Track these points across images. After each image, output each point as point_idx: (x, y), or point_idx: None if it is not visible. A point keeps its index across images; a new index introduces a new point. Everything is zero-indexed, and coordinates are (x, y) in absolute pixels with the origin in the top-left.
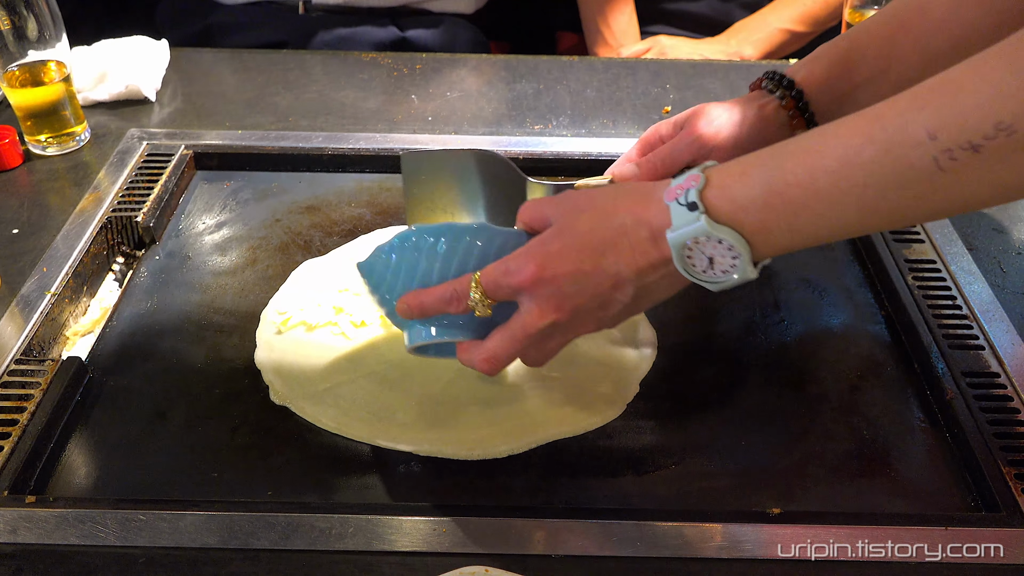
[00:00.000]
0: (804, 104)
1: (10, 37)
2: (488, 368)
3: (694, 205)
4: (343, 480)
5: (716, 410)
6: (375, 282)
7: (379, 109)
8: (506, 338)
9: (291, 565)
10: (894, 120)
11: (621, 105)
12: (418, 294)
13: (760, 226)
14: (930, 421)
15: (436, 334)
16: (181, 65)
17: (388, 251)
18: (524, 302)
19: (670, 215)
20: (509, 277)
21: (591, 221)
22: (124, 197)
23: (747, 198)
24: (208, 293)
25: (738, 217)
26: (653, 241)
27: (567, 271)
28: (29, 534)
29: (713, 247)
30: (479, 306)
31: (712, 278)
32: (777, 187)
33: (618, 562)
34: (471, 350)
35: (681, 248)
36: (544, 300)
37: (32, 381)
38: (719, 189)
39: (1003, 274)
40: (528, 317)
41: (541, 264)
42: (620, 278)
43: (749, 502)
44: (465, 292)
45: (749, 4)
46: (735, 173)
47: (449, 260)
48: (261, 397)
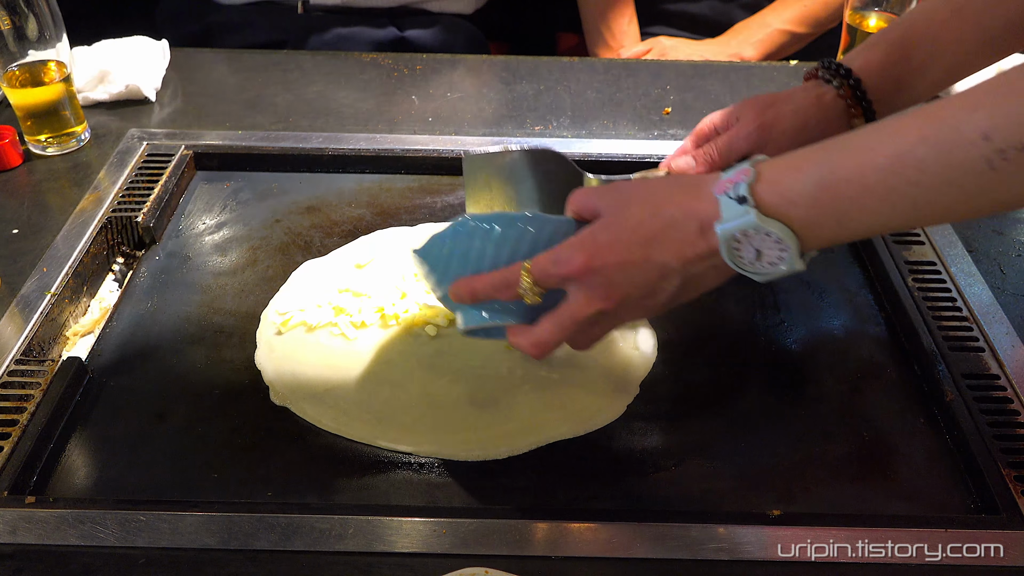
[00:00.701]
0: (862, 92)
1: (10, 37)
2: (536, 352)
3: (744, 199)
4: (343, 481)
5: (716, 411)
6: (430, 267)
7: (379, 109)
8: (554, 324)
9: (291, 566)
10: (948, 120)
11: (621, 106)
12: (471, 280)
13: (809, 220)
14: (930, 423)
15: (488, 318)
16: (181, 65)
17: (443, 238)
18: (573, 290)
19: (719, 208)
20: (559, 267)
21: (640, 213)
22: (124, 197)
23: (797, 193)
24: (208, 293)
25: (787, 211)
26: (701, 233)
27: (615, 261)
28: (29, 534)
29: (761, 240)
30: (529, 294)
31: (759, 269)
32: (828, 183)
33: (618, 563)
34: (521, 334)
35: (729, 240)
36: (592, 289)
37: (32, 381)
38: (769, 183)
39: (1003, 276)
40: (576, 305)
41: (590, 254)
42: (667, 268)
43: (749, 503)
44: (516, 280)
45: (749, 5)
46: (786, 168)
47: (501, 246)
48: (261, 398)
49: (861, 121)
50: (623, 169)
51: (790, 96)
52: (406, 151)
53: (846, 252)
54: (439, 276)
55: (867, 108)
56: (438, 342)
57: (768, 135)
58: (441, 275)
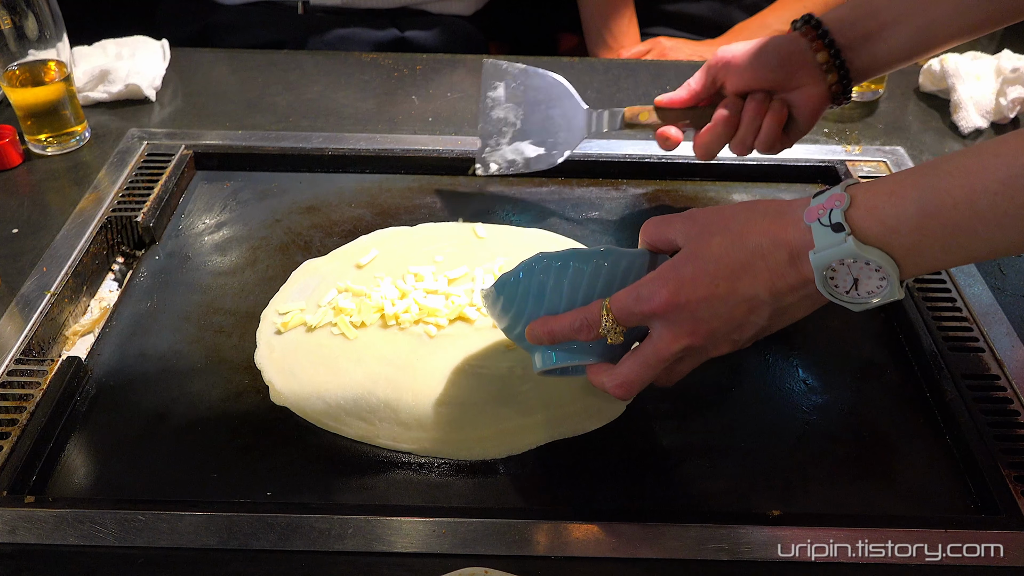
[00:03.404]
0: (824, 31)
1: (10, 36)
2: (622, 393)
3: (840, 226)
4: (343, 481)
5: (716, 411)
6: (503, 308)
7: (379, 109)
8: (639, 364)
9: (290, 566)
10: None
11: (621, 106)
12: (547, 321)
13: (912, 248)
14: (930, 423)
15: (568, 358)
16: (181, 65)
17: (516, 276)
18: (657, 327)
19: (811, 236)
20: (641, 304)
21: (724, 244)
22: (124, 197)
23: (899, 219)
24: (208, 293)
25: (888, 238)
26: (792, 263)
27: (701, 296)
28: (28, 534)
29: (860, 268)
30: (612, 333)
31: (855, 299)
32: (932, 208)
33: (618, 564)
34: (604, 373)
35: (824, 269)
36: (678, 325)
37: (31, 381)
38: (867, 210)
39: (1003, 276)
40: (661, 343)
41: (674, 290)
42: (756, 301)
43: (749, 503)
44: (596, 320)
45: (749, 6)
46: (884, 192)
47: (577, 283)
48: (261, 397)
49: (825, 56)
50: (623, 169)
51: (770, 45)
52: (406, 151)
53: None
54: (513, 317)
55: (833, 51)
56: (437, 342)
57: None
58: (516, 316)
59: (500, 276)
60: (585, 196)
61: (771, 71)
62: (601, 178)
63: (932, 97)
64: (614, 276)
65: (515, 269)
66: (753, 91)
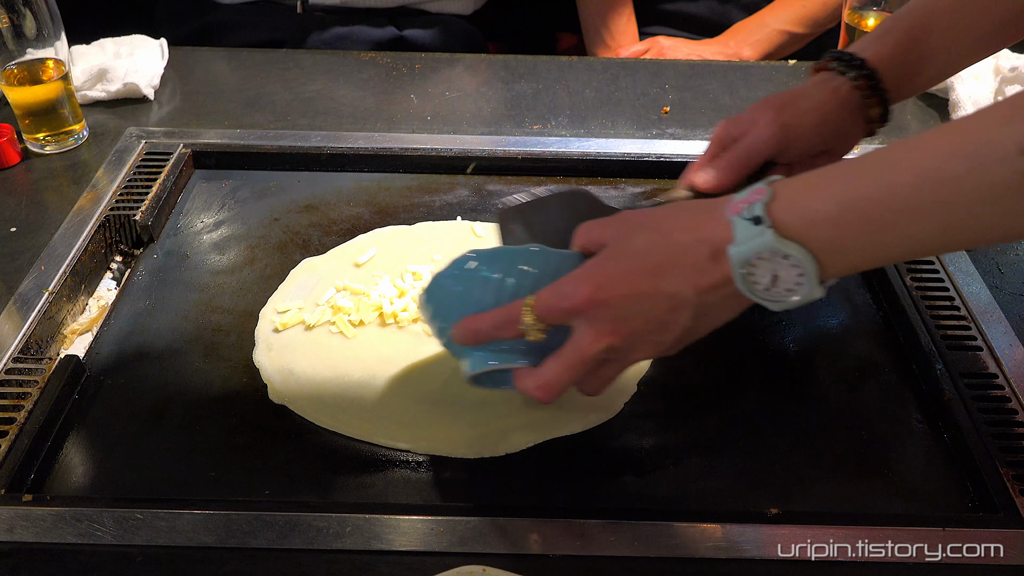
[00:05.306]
0: (877, 82)
1: (8, 35)
2: (543, 395)
3: (759, 219)
4: (341, 479)
5: (714, 410)
6: (433, 311)
7: (378, 108)
8: (561, 364)
9: (289, 564)
10: (980, 133)
11: (620, 105)
12: (472, 319)
13: (831, 243)
14: (928, 422)
15: (492, 361)
16: (179, 64)
17: (443, 277)
18: (579, 326)
19: (732, 230)
20: (563, 300)
21: (648, 240)
22: (122, 196)
23: (818, 212)
24: (206, 292)
25: (807, 232)
26: (714, 259)
27: (623, 293)
28: (26, 533)
29: (778, 263)
30: (532, 331)
31: (775, 296)
32: (852, 202)
33: (616, 562)
34: (527, 377)
35: (744, 265)
36: (599, 323)
37: (30, 379)
38: (787, 203)
39: (1001, 275)
40: (583, 342)
41: (596, 286)
42: (678, 299)
43: (748, 502)
44: (517, 316)
45: (748, 5)
46: (804, 186)
47: (504, 284)
48: (259, 396)
49: (878, 111)
50: (623, 167)
51: (806, 92)
52: (405, 150)
53: None
54: (441, 320)
55: (882, 99)
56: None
57: (789, 135)
58: (444, 319)
59: (432, 277)
60: None
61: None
62: (600, 176)
63: (931, 96)
64: (543, 278)
65: (443, 270)
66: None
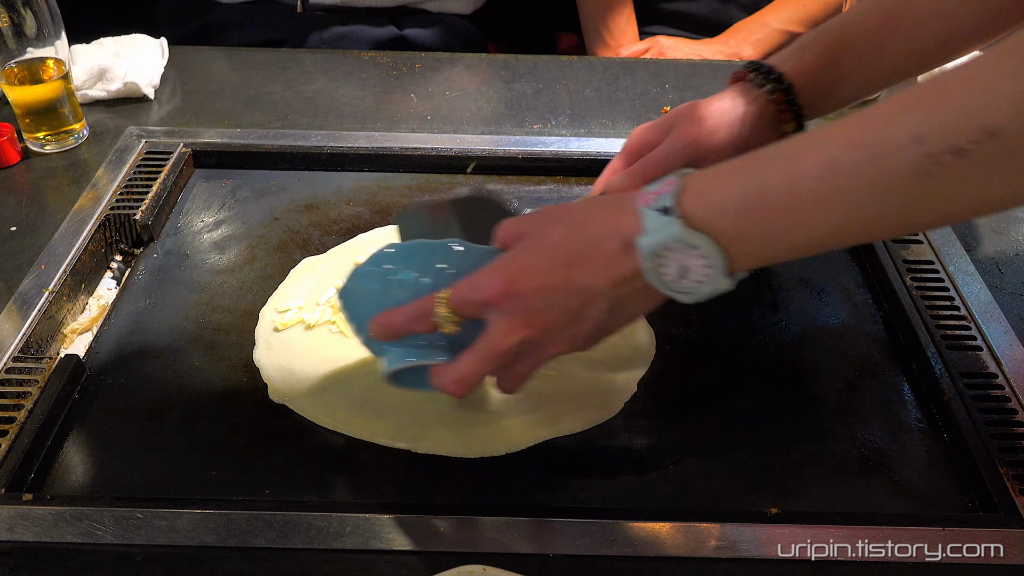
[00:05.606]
0: (793, 97)
1: (9, 34)
2: (456, 390)
3: (668, 210)
4: (341, 478)
5: (714, 410)
6: (350, 309)
7: (378, 108)
8: (475, 357)
9: (288, 564)
10: (878, 124)
11: (620, 105)
12: (387, 314)
13: (737, 233)
14: (928, 422)
15: (408, 358)
16: (180, 63)
17: (360, 272)
18: (492, 319)
19: (642, 222)
20: (476, 292)
21: (563, 233)
22: (122, 195)
23: (724, 203)
24: (206, 291)
25: (714, 223)
26: (625, 251)
27: (535, 285)
28: (26, 532)
29: (686, 254)
30: (446, 323)
31: (684, 288)
32: (755, 192)
33: (616, 562)
34: (442, 372)
35: (653, 256)
36: (513, 316)
37: (30, 379)
38: (696, 194)
39: (1001, 275)
40: (496, 334)
41: (509, 278)
42: (591, 292)
43: (747, 502)
44: (431, 309)
45: (748, 5)
46: (712, 178)
47: (422, 279)
48: (259, 395)
49: (792, 127)
50: None
51: (722, 103)
52: (405, 149)
53: (844, 251)
54: (360, 318)
55: (797, 113)
56: None
57: (702, 147)
58: (362, 316)
59: (350, 273)
60: (583, 195)
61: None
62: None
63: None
64: (461, 272)
65: (361, 266)
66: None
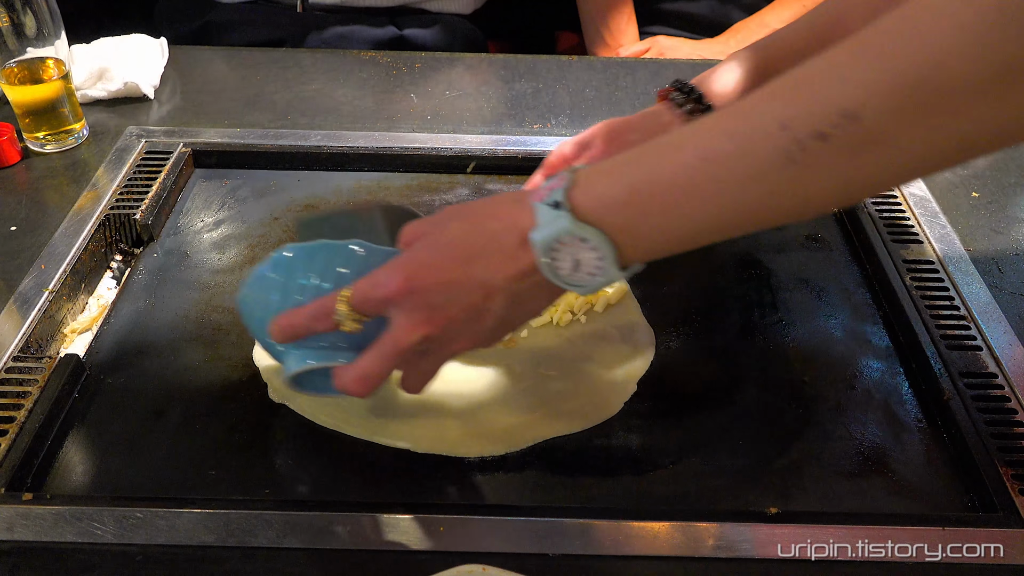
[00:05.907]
0: None
1: (9, 34)
2: (358, 389)
3: (559, 204)
4: (341, 478)
5: (714, 410)
6: (249, 313)
7: (377, 108)
8: (376, 355)
9: (288, 563)
10: (749, 111)
11: (620, 105)
12: (288, 314)
13: (624, 225)
14: (928, 421)
15: (310, 360)
16: (180, 63)
17: (261, 275)
18: (394, 316)
19: (535, 216)
20: (376, 289)
21: (462, 229)
22: (122, 195)
23: (610, 196)
24: (206, 291)
25: (602, 216)
26: (522, 245)
27: (436, 281)
28: (26, 531)
29: (578, 248)
30: (347, 321)
31: (578, 281)
32: (638, 184)
33: (615, 561)
34: (343, 374)
35: (546, 251)
36: (414, 312)
37: (29, 378)
38: (584, 188)
39: (1000, 275)
40: (398, 331)
41: (409, 274)
42: (491, 287)
43: (747, 502)
44: (332, 307)
45: (748, 5)
46: (601, 172)
47: (324, 280)
48: (259, 395)
49: None
50: None
51: (642, 122)
52: (404, 149)
53: (844, 251)
54: (259, 321)
55: None
56: None
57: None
58: (261, 319)
59: (250, 275)
60: None
61: None
62: None
63: None
64: (364, 273)
65: (261, 266)
66: None
